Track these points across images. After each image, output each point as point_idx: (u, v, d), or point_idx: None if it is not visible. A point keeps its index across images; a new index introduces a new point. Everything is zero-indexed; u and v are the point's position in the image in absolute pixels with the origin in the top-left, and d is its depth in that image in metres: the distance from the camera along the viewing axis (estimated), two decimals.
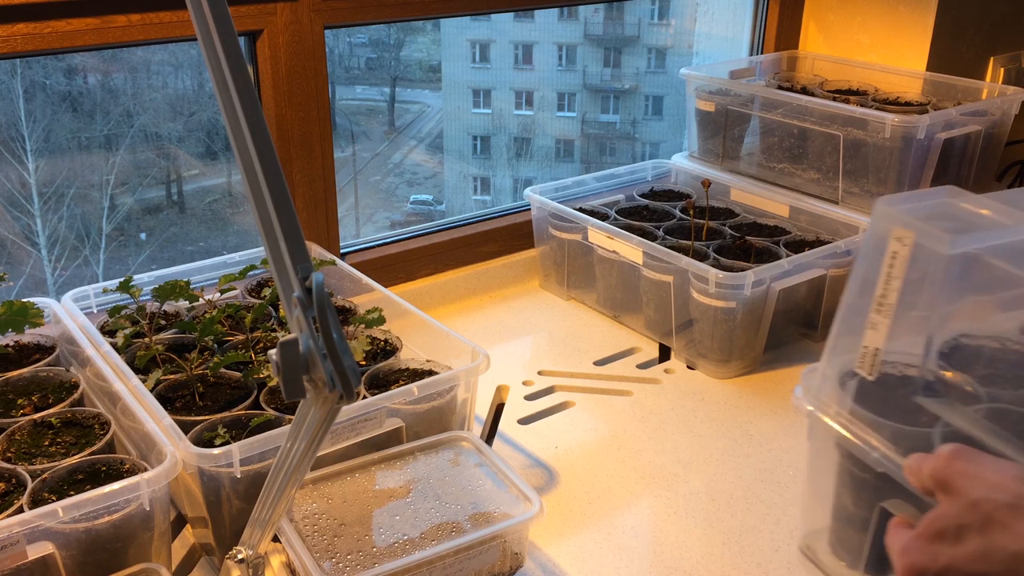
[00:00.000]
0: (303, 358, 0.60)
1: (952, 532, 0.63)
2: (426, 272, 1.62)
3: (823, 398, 0.86)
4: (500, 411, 1.13)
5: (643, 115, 8.99)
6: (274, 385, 1.08)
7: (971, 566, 0.61)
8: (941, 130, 1.53)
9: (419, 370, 1.16)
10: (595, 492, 1.15)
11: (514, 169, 8.63)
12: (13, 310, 1.10)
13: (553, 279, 1.66)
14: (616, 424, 1.28)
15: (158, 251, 4.00)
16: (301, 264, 0.62)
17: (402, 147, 8.02)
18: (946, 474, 0.65)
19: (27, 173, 3.65)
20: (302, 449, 0.69)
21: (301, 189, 1.44)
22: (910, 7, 1.78)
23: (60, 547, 0.86)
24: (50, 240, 3.70)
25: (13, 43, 1.14)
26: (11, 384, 1.09)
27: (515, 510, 0.98)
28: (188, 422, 1.01)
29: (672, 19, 8.12)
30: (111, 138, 3.82)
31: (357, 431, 1.02)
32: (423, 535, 0.94)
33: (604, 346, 1.49)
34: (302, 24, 1.35)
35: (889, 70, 1.80)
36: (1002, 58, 1.91)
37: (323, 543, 0.92)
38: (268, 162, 0.62)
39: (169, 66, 3.81)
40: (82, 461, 0.95)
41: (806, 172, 1.65)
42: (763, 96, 1.69)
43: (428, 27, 8.02)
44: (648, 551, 1.05)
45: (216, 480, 0.94)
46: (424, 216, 7.36)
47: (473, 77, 8.98)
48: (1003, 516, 0.61)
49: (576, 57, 8.91)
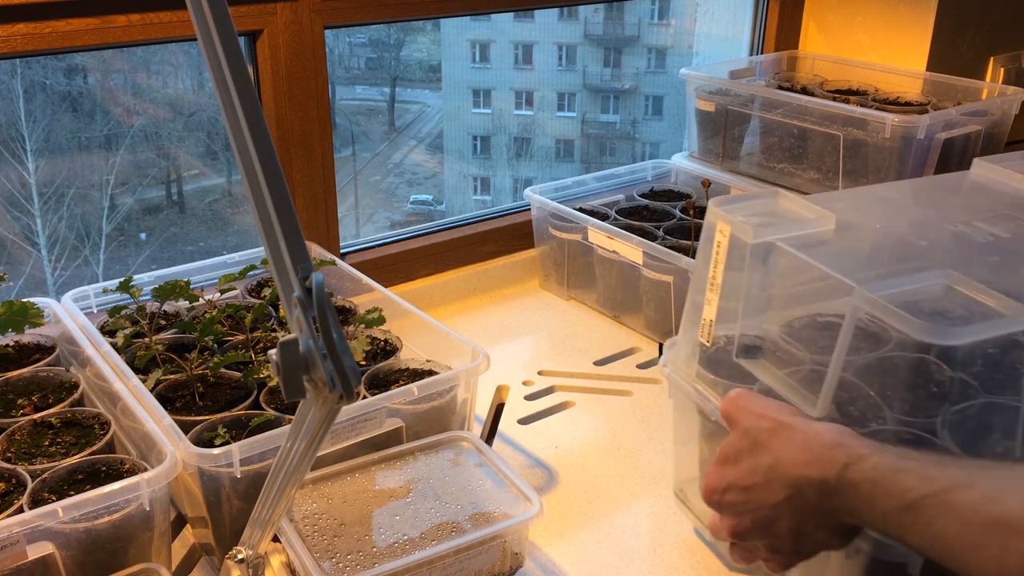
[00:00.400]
0: (303, 358, 0.60)
1: (733, 455, 0.78)
2: (426, 272, 1.62)
3: (679, 364, 1.00)
4: (500, 411, 1.13)
5: (643, 115, 8.99)
6: (274, 385, 1.08)
7: (744, 480, 0.76)
8: (941, 130, 1.53)
9: (419, 370, 1.16)
10: (595, 492, 1.15)
11: (514, 169, 8.63)
12: (13, 310, 1.10)
13: (553, 279, 1.66)
14: (616, 424, 1.28)
15: (158, 251, 4.00)
16: (301, 264, 0.62)
17: (402, 147, 8.03)
18: (729, 411, 0.81)
19: (27, 173, 3.65)
20: (302, 449, 0.70)
21: (301, 189, 1.44)
22: (910, 7, 1.78)
23: (60, 547, 0.86)
24: (50, 240, 3.70)
25: (13, 43, 1.14)
26: (11, 384, 1.09)
27: (515, 510, 0.98)
28: (188, 422, 1.01)
29: (672, 19, 8.13)
30: (111, 138, 3.82)
31: (357, 431, 1.02)
32: (423, 535, 0.94)
33: (604, 346, 1.49)
34: (302, 24, 1.35)
35: (889, 70, 1.80)
36: (1002, 58, 1.91)
37: (323, 543, 0.92)
38: (268, 162, 0.62)
39: (169, 66, 3.81)
40: (82, 461, 0.95)
41: (806, 172, 1.66)
42: (763, 96, 1.69)
43: (428, 27, 8.02)
44: (648, 551, 1.05)
45: (216, 480, 0.94)
46: (424, 216, 7.37)
47: (473, 77, 8.98)
48: (764, 438, 0.76)
49: (576, 57, 8.91)
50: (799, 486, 0.72)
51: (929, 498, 0.64)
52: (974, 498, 0.62)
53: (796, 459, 0.73)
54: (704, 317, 0.95)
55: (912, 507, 0.64)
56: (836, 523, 0.72)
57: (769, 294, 0.92)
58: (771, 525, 0.75)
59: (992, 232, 0.92)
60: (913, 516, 0.64)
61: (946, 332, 0.74)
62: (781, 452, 0.74)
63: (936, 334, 0.73)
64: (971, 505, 0.62)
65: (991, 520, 0.61)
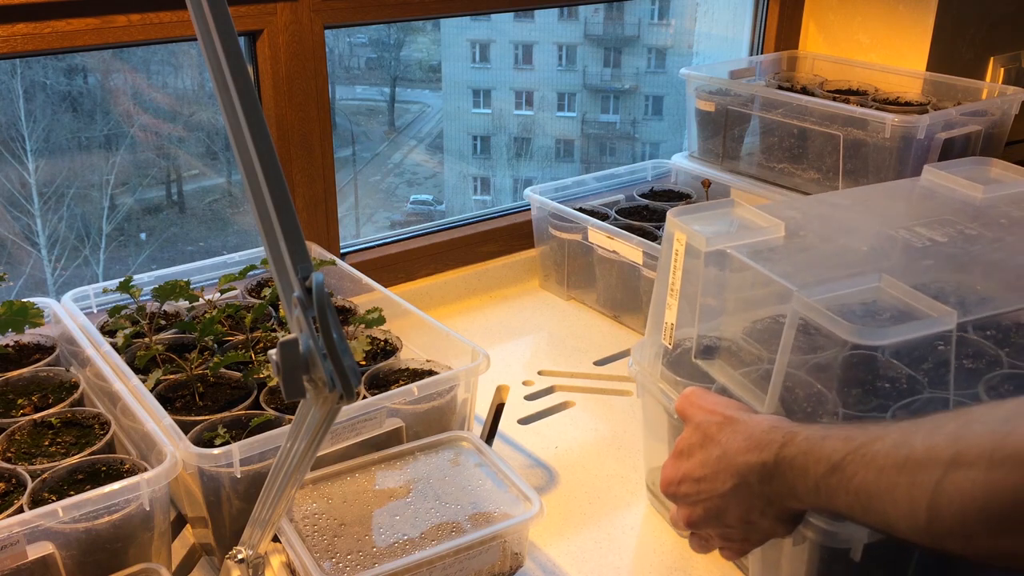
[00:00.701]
0: (303, 358, 0.60)
1: (686, 449, 0.83)
2: (426, 272, 1.62)
3: (645, 365, 1.06)
4: (500, 411, 1.13)
5: (643, 115, 8.99)
6: (274, 385, 1.08)
7: (696, 472, 0.81)
8: (941, 130, 1.53)
9: (419, 370, 1.16)
10: (595, 492, 1.15)
11: (514, 169, 8.63)
12: (13, 310, 1.10)
13: (553, 279, 1.66)
14: (616, 424, 1.28)
15: (158, 251, 4.00)
16: (301, 264, 0.62)
17: (402, 147, 8.03)
18: (683, 408, 0.86)
19: (27, 173, 3.65)
20: (302, 449, 0.69)
21: (301, 189, 1.44)
22: (910, 7, 1.78)
23: (60, 547, 0.86)
24: (50, 240, 3.70)
25: (13, 43, 1.14)
26: (11, 384, 1.09)
27: (515, 510, 0.98)
28: (188, 422, 1.01)
29: (672, 19, 8.13)
30: (111, 138, 3.82)
31: (357, 431, 1.02)
32: (423, 535, 0.94)
33: (604, 346, 1.49)
34: (302, 24, 1.35)
35: (889, 70, 1.80)
36: (1002, 58, 1.91)
37: (323, 543, 0.92)
38: (268, 162, 0.62)
39: (169, 66, 3.81)
40: (82, 461, 0.95)
41: (806, 172, 1.66)
42: (763, 96, 1.69)
43: (428, 27, 8.02)
44: (648, 551, 1.05)
45: (216, 480, 0.94)
46: (424, 216, 7.37)
47: (473, 77, 8.98)
48: (713, 432, 0.81)
49: (576, 57, 8.91)
50: (743, 473, 0.76)
51: (851, 455, 0.68)
52: (887, 446, 0.66)
53: (740, 447, 0.77)
54: (666, 320, 1.01)
55: (837, 467, 0.68)
56: (779, 510, 0.76)
57: (724, 298, 0.98)
58: (722, 515, 0.80)
59: (931, 237, 0.99)
60: (839, 476, 0.68)
61: (872, 333, 0.79)
62: (728, 443, 0.79)
63: (863, 335, 0.79)
64: (885, 452, 0.66)
65: (901, 461, 0.65)
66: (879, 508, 0.66)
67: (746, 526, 0.79)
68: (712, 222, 0.99)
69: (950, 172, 1.12)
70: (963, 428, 0.63)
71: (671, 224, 0.99)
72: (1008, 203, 1.07)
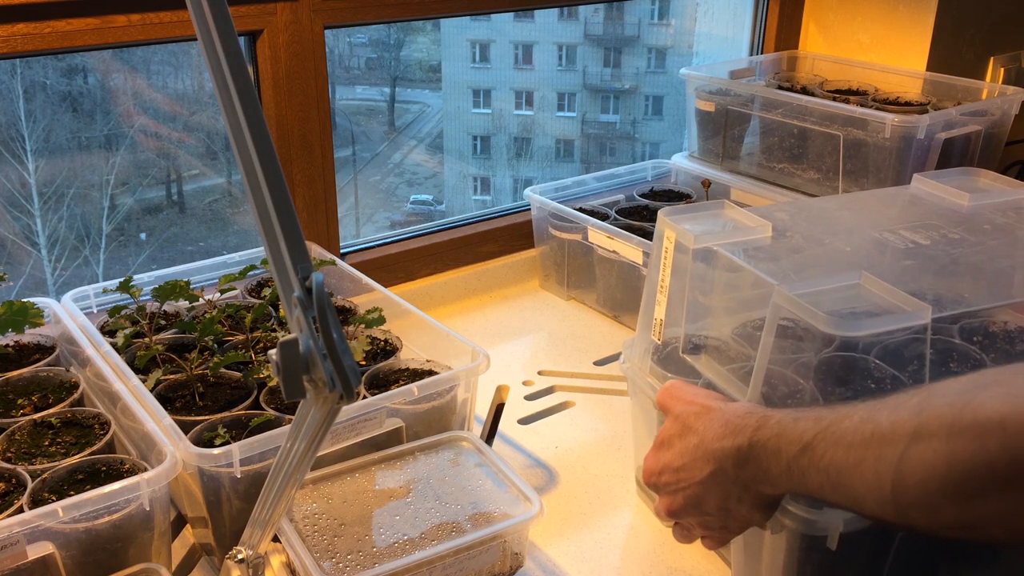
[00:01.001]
0: (303, 358, 0.60)
1: (667, 440, 0.84)
2: (426, 272, 1.62)
3: (635, 361, 1.07)
4: (500, 411, 1.13)
5: (643, 115, 8.99)
6: (274, 385, 1.08)
7: (675, 461, 0.82)
8: (941, 130, 1.53)
9: (419, 370, 1.16)
10: (595, 492, 1.15)
11: (514, 169, 8.63)
12: (13, 310, 1.10)
13: (553, 279, 1.66)
14: (616, 424, 1.28)
15: (158, 251, 4.00)
16: (301, 264, 0.62)
17: (402, 147, 8.02)
18: (663, 400, 0.88)
19: (27, 173, 3.65)
20: (302, 449, 0.69)
21: (301, 189, 1.44)
22: (910, 7, 1.78)
23: (60, 547, 0.86)
24: (50, 240, 3.70)
25: (13, 43, 1.14)
26: (11, 384, 1.09)
27: (515, 510, 0.98)
28: (188, 422, 1.01)
29: (672, 19, 8.12)
30: (111, 138, 3.82)
31: (357, 431, 1.02)
32: (423, 535, 0.94)
33: (604, 346, 1.49)
34: (302, 24, 1.35)
35: (889, 70, 1.80)
36: (1002, 58, 1.91)
37: (323, 543, 0.92)
38: (268, 162, 0.62)
39: (169, 66, 3.81)
40: (82, 461, 0.95)
41: (806, 172, 1.66)
42: (763, 96, 1.69)
43: (428, 27, 8.02)
44: (648, 551, 1.05)
45: (216, 480, 0.94)
46: (424, 216, 7.37)
47: (473, 77, 8.98)
48: (691, 421, 0.82)
49: (576, 57, 8.91)
50: (719, 459, 0.78)
51: (820, 434, 0.69)
52: (854, 423, 0.68)
53: (716, 434, 0.79)
54: (655, 317, 1.03)
55: (807, 447, 0.70)
56: (755, 496, 0.78)
57: (711, 296, 1.00)
58: (700, 503, 0.81)
59: (913, 240, 1.02)
60: (809, 455, 0.70)
61: (848, 324, 0.81)
62: (704, 431, 0.80)
63: (840, 326, 0.80)
64: (852, 428, 0.67)
65: (867, 436, 0.66)
66: (847, 484, 0.67)
67: (724, 513, 0.81)
68: (702, 222, 1.01)
69: (939, 180, 1.15)
70: (924, 402, 0.64)
71: (661, 223, 1.01)
72: (993, 211, 1.09)
